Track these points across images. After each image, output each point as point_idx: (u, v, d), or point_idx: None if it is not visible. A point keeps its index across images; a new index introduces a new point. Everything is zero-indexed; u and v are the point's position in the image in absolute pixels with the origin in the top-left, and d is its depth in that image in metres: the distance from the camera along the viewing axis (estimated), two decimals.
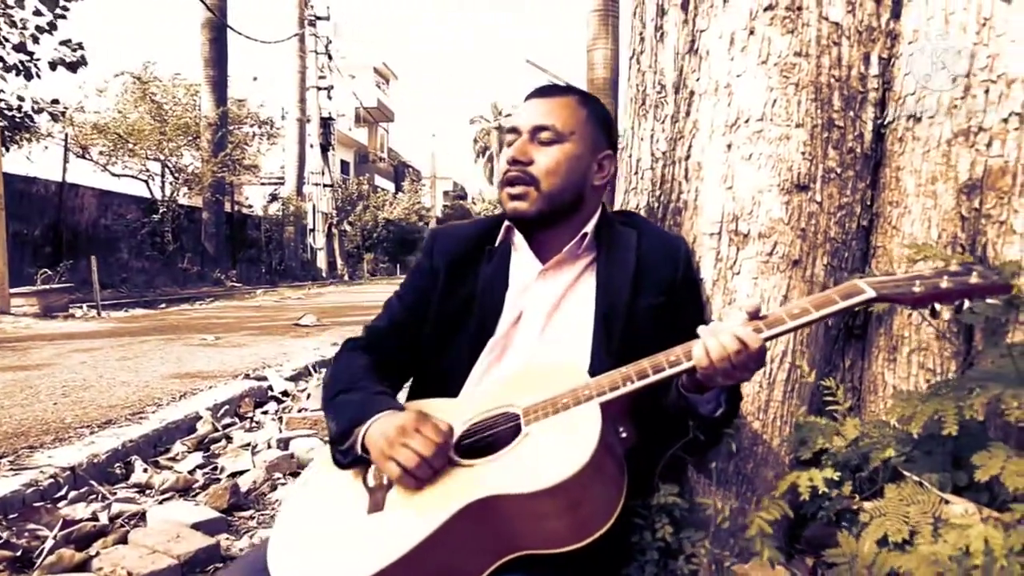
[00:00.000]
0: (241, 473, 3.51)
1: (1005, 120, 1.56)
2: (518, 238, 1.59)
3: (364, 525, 1.24)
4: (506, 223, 1.60)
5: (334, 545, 1.23)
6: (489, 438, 1.34)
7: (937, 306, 1.18)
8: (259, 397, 5.21)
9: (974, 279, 1.19)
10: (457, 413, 1.40)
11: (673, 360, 1.26)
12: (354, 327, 9.56)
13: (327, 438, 1.46)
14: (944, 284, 1.20)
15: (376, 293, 19.02)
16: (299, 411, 4.85)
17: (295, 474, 3.54)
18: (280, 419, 4.66)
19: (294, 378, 5.80)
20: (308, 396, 5.18)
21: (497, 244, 1.62)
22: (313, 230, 26.89)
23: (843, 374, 1.78)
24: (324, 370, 6.19)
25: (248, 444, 4.06)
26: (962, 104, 1.60)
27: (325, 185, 27.37)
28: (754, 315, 1.25)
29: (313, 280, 24.72)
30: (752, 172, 1.67)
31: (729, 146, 1.71)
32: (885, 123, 1.70)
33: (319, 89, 27.54)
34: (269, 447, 4.00)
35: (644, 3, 2.09)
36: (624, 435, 1.30)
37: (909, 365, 1.65)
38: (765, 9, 1.67)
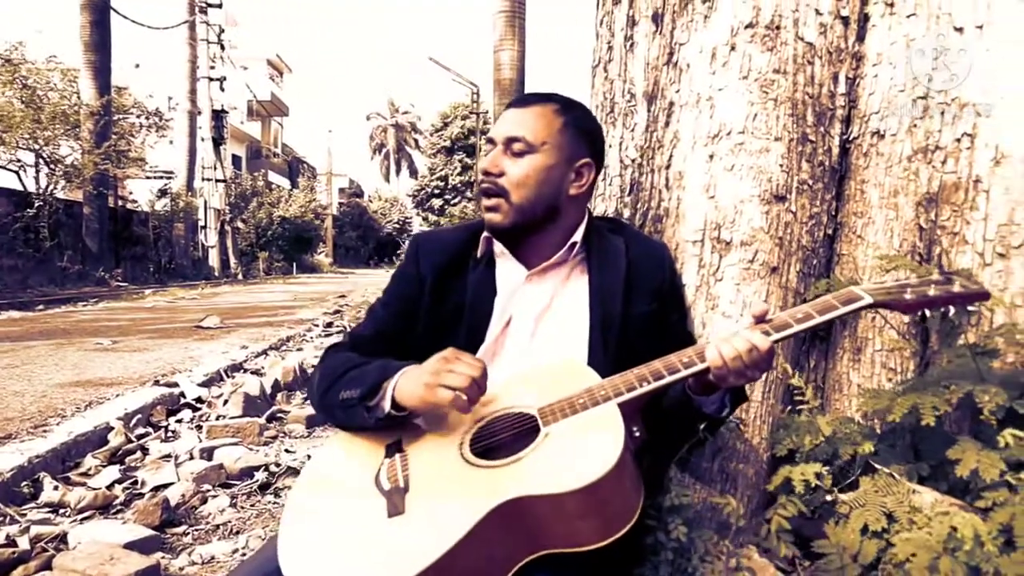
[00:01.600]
0: (165, 487, 3.32)
1: (958, 140, 1.70)
2: (499, 247, 1.58)
3: (387, 529, 1.21)
4: (485, 234, 1.59)
5: (357, 550, 1.19)
6: (503, 439, 1.34)
7: (931, 312, 1.27)
8: (171, 404, 4.93)
9: (957, 287, 1.30)
10: (464, 416, 1.38)
11: (687, 361, 1.30)
12: (261, 329, 9.21)
13: (342, 416, 1.42)
14: (931, 292, 1.29)
15: (276, 293, 18.37)
16: (217, 418, 4.63)
17: (225, 485, 3.38)
18: (199, 427, 4.43)
19: (207, 384, 5.53)
20: (225, 402, 4.95)
21: (481, 254, 1.60)
22: (205, 227, 25.63)
23: (808, 374, 1.89)
24: (237, 375, 5.94)
25: (168, 455, 3.84)
26: (921, 124, 1.73)
27: (218, 180, 26.13)
28: (760, 319, 1.30)
29: (205, 279, 23.57)
30: (734, 182, 1.74)
31: (711, 157, 1.77)
32: (850, 138, 1.81)
33: (211, 80, 26.27)
34: (192, 458, 3.79)
35: (612, 13, 2.14)
36: (637, 434, 1.33)
37: (873, 365, 1.77)
38: (746, 27, 1.75)
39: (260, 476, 3.55)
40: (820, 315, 1.28)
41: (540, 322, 1.54)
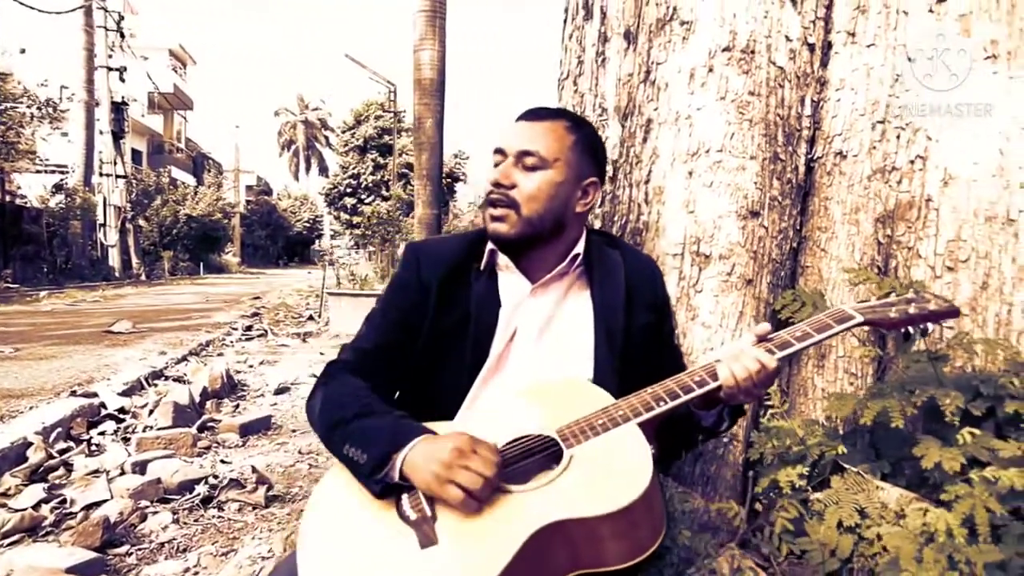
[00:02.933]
0: (98, 504, 3.14)
1: (912, 162, 1.84)
2: (503, 259, 1.59)
3: (423, 559, 1.19)
4: (489, 246, 1.59)
5: None
6: (525, 463, 1.34)
7: (915, 328, 1.38)
8: (92, 416, 4.66)
9: (933, 306, 1.41)
10: (478, 435, 1.38)
11: (699, 380, 1.35)
12: (177, 333, 8.81)
13: (353, 462, 1.38)
14: (911, 310, 1.40)
15: (185, 295, 17.57)
16: (145, 429, 4.42)
17: (165, 500, 3.24)
18: (125, 440, 4.21)
19: (128, 393, 5.25)
20: (151, 412, 4.73)
21: (483, 266, 1.61)
22: (104, 225, 24.19)
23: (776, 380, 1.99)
24: (160, 382, 5.68)
25: (96, 471, 3.63)
26: (879, 146, 1.86)
27: (118, 176, 24.69)
28: (762, 338, 1.37)
29: (106, 280, 22.25)
30: (713, 199, 1.82)
31: (691, 173, 1.85)
32: (815, 158, 1.93)
33: (110, 70, 24.83)
34: (124, 472, 3.60)
35: (583, 29, 2.19)
36: (652, 452, 1.37)
37: (836, 370, 1.88)
38: (723, 50, 1.84)
39: (201, 489, 3.42)
40: (818, 333, 1.36)
41: (544, 334, 1.55)
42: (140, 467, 3.72)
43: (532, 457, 1.35)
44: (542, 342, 1.56)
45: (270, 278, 30.40)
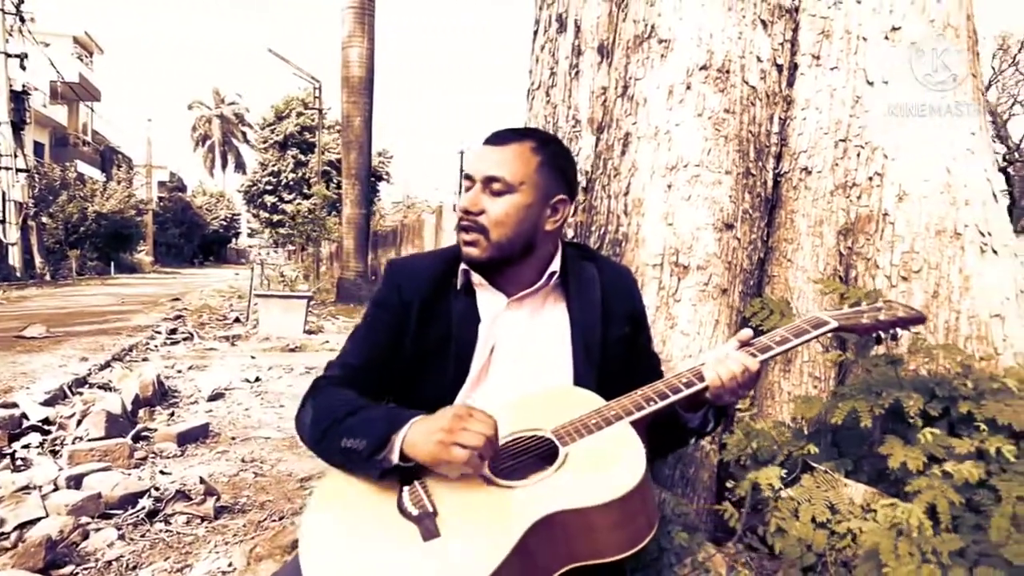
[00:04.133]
0: (32, 523, 2.98)
1: (871, 178, 1.97)
2: (476, 278, 1.61)
3: (427, 551, 1.22)
4: (463, 266, 1.61)
5: (402, 574, 1.21)
6: (521, 461, 1.38)
7: (885, 334, 1.48)
8: (13, 428, 4.40)
9: (902, 313, 1.52)
10: None
11: (686, 382, 1.42)
12: (96, 338, 8.38)
13: (349, 458, 1.39)
14: (881, 316, 1.51)
15: (98, 296, 16.69)
16: (75, 441, 4.21)
17: (107, 516, 3.11)
18: (54, 452, 4.00)
19: (51, 402, 4.98)
20: (79, 423, 4.50)
21: (460, 285, 1.63)
22: (3, 222, 22.72)
23: None
24: (85, 390, 5.41)
25: (26, 486, 3.44)
26: (841, 163, 1.98)
27: (19, 170, 23.23)
28: (745, 343, 1.45)
29: (6, 280, 20.85)
30: (691, 211, 1.90)
31: (669, 187, 1.92)
32: (781, 173, 2.03)
33: (8, 56, 23.34)
34: (57, 488, 3.42)
35: (556, 41, 2.23)
36: (644, 451, 1.43)
37: (801, 374, 2.00)
38: (700, 68, 1.92)
39: (145, 503, 3.29)
40: (796, 338, 1.45)
41: (523, 348, 1.59)
42: (75, 481, 3.54)
43: (529, 455, 1.39)
44: (522, 356, 1.60)
45: (187, 278, 29.23)
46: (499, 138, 1.54)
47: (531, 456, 1.40)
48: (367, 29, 15.66)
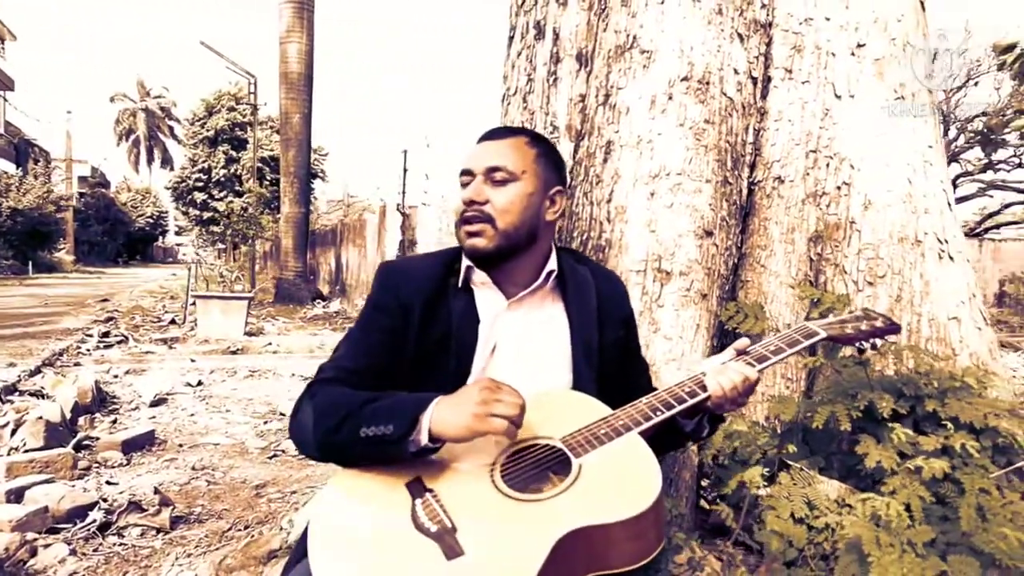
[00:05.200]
0: None
1: (839, 188, 2.07)
2: (479, 275, 1.62)
3: (452, 571, 1.22)
4: (466, 264, 1.62)
5: None
6: (533, 471, 1.39)
7: (868, 343, 1.55)
8: None
9: (880, 323, 1.60)
10: (481, 447, 1.41)
11: (689, 391, 1.45)
12: (21, 341, 7.97)
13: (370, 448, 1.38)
14: (863, 326, 1.58)
15: (18, 297, 15.82)
16: (10, 451, 4.01)
17: (54, 531, 2.97)
18: None
19: None
20: (14, 432, 4.29)
21: (460, 284, 1.64)
22: None
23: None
24: (16, 398, 5.16)
25: None
26: (811, 172, 2.07)
27: None
28: (741, 352, 1.50)
29: None
30: (674, 219, 1.95)
31: (652, 195, 1.97)
32: (755, 181, 2.11)
33: None
34: None
35: (534, 48, 2.25)
36: None
37: (774, 376, 2.07)
38: (682, 79, 1.97)
39: (96, 516, 3.16)
40: (789, 348, 1.51)
41: (523, 348, 1.61)
42: (16, 495, 3.37)
43: (541, 467, 1.40)
44: (522, 356, 1.61)
45: (113, 278, 28.00)
46: (495, 133, 1.58)
47: (545, 465, 1.40)
48: (306, 24, 15.36)
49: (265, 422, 5.24)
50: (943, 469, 1.73)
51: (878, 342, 1.60)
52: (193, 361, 7.63)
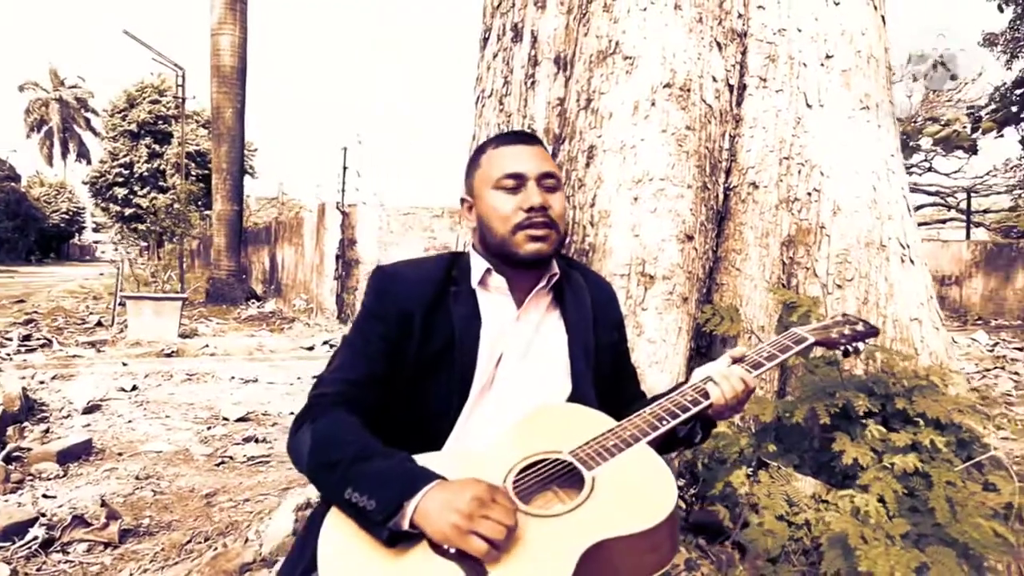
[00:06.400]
0: None
1: (810, 194, 2.14)
2: (496, 280, 1.61)
3: None
4: (485, 266, 1.60)
5: None
6: (544, 486, 1.38)
7: (851, 347, 1.61)
8: None
9: (861, 327, 1.66)
10: (489, 466, 1.39)
11: (692, 400, 1.46)
12: None
13: (355, 507, 1.32)
14: (846, 331, 1.64)
15: None
16: None
17: None
18: None
19: None
20: None
21: (475, 285, 1.62)
22: None
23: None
24: None
25: None
26: (785, 179, 2.13)
27: None
28: (737, 359, 1.53)
29: None
30: (657, 223, 1.98)
31: (636, 199, 1.99)
32: (731, 187, 2.16)
33: None
34: None
35: (511, 50, 2.25)
36: None
37: None
38: (664, 86, 2.00)
39: (38, 532, 3.00)
40: (781, 353, 1.55)
41: (526, 354, 1.59)
42: None
43: (554, 481, 1.39)
44: (525, 361, 1.60)
45: (28, 277, 26.48)
46: (527, 138, 1.59)
47: (556, 480, 1.39)
48: (239, 16, 14.90)
49: (208, 427, 5.07)
50: (914, 464, 1.81)
51: (860, 345, 1.66)
52: (125, 365, 7.31)
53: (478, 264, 1.59)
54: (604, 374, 1.61)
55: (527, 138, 1.57)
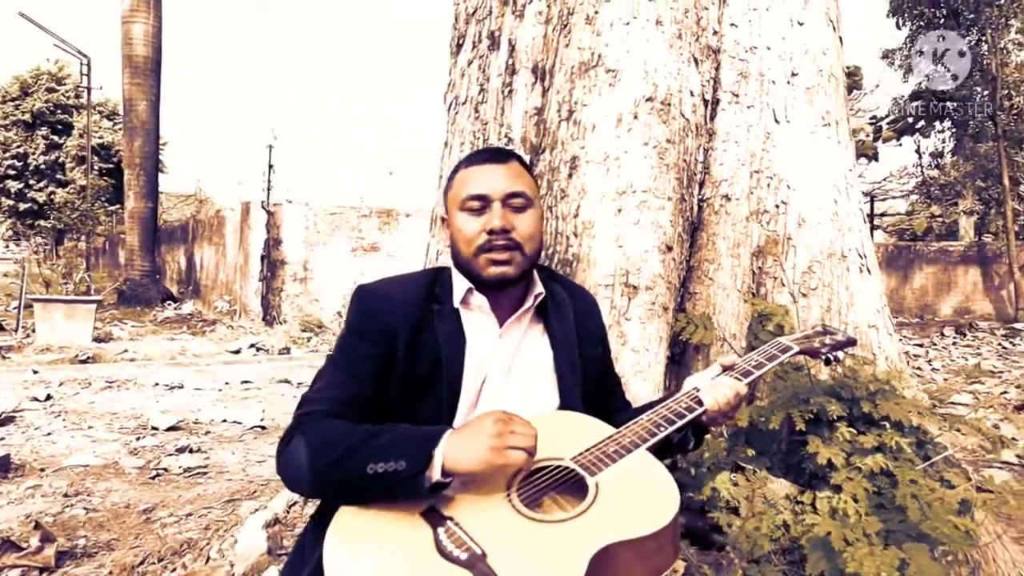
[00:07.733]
0: None
1: (777, 206, 2.23)
2: (478, 299, 1.60)
3: None
4: (466, 286, 1.60)
5: None
6: (548, 492, 1.39)
7: (832, 356, 1.69)
8: None
9: (840, 337, 1.74)
10: (486, 476, 1.39)
11: (687, 407, 1.51)
12: None
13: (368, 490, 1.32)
14: (827, 340, 1.72)
15: None
16: None
17: None
18: None
19: None
20: None
21: (456, 305, 1.61)
22: None
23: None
24: None
25: None
26: (755, 191, 2.21)
27: None
28: (727, 367, 1.59)
29: None
30: (640, 235, 2.02)
31: (619, 211, 2.02)
32: (704, 199, 2.23)
33: None
34: None
35: (487, 57, 2.24)
36: None
37: None
38: (647, 99, 2.04)
39: None
40: (769, 362, 1.62)
41: (511, 371, 1.60)
42: None
43: (557, 488, 1.41)
44: (510, 378, 1.61)
45: None
46: (499, 155, 1.56)
47: (553, 486, 1.41)
48: (152, 4, 14.21)
49: (137, 438, 4.84)
50: (882, 464, 1.92)
51: (840, 355, 1.74)
52: (36, 372, 6.87)
53: (460, 283, 1.58)
54: (589, 387, 1.64)
55: (499, 156, 1.56)
